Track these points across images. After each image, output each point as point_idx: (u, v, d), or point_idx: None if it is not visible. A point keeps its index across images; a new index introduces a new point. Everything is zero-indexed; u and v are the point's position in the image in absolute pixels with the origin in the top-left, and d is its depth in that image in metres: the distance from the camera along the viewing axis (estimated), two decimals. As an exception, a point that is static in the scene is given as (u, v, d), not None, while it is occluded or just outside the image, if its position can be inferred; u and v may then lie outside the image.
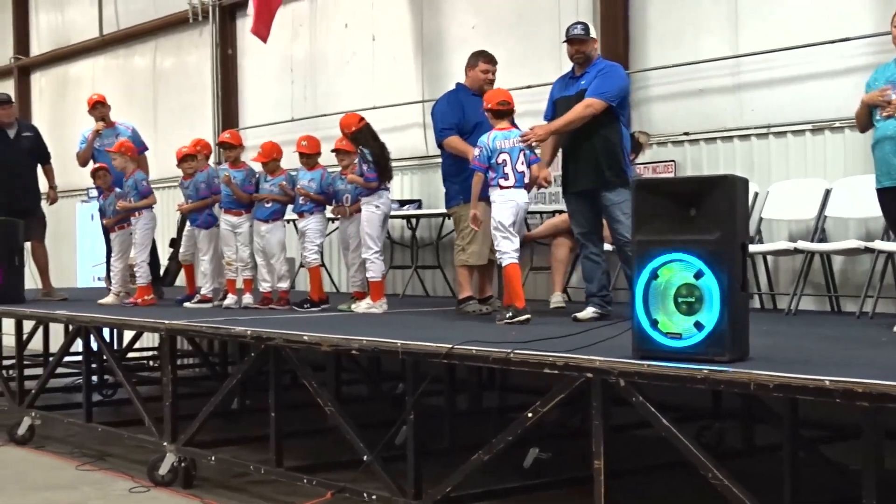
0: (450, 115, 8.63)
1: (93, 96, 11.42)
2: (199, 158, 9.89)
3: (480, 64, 8.76)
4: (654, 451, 6.55)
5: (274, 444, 7.03)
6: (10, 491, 7.68)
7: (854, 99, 6.82)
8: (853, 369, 4.59)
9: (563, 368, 5.17)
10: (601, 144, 7.54)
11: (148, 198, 10.16)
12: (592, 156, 7.54)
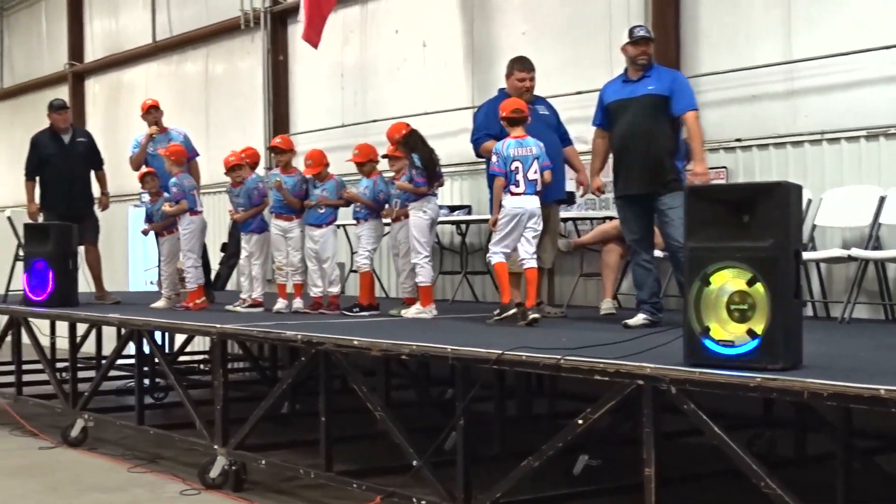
0: (484, 120, 8.68)
1: (146, 101, 11.51)
2: (244, 167, 9.91)
3: (515, 72, 8.81)
4: (705, 460, 6.51)
5: (324, 448, 7.05)
6: (65, 492, 7.76)
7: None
8: (908, 378, 4.53)
9: (614, 375, 5.15)
10: (659, 149, 7.51)
11: (180, 203, 10.13)
12: (650, 160, 7.50)
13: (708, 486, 6.84)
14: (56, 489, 7.86)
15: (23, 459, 8.99)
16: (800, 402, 4.59)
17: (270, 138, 13.02)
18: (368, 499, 6.56)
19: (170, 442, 8.75)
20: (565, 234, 9.97)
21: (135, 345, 9.44)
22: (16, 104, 20.87)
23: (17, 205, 15.00)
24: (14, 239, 11.53)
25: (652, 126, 7.50)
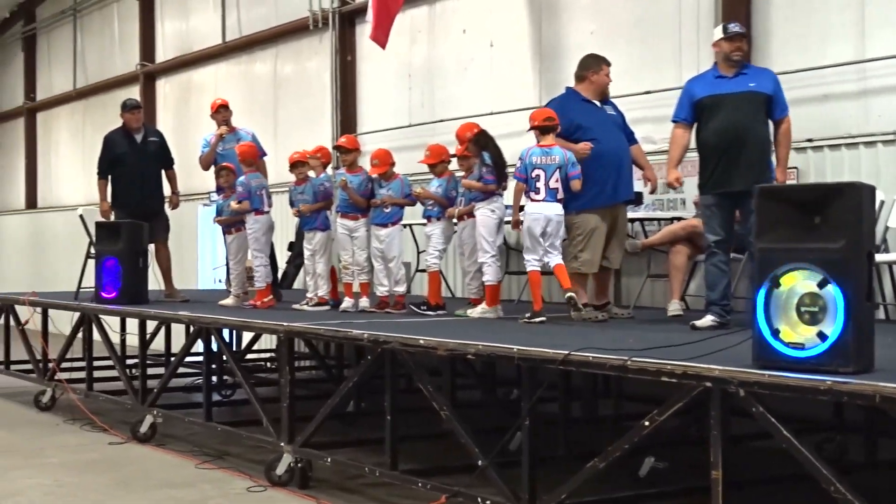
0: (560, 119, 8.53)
1: (216, 100, 11.62)
2: (313, 164, 9.97)
3: (603, 67, 8.76)
4: (773, 463, 6.44)
5: (389, 447, 7.07)
6: (134, 487, 7.85)
7: None
8: None
9: (681, 377, 5.12)
10: (763, 147, 7.44)
11: (242, 203, 10.23)
12: (754, 157, 7.41)
13: (776, 491, 6.78)
14: (126, 484, 7.95)
15: (93, 454, 9.10)
16: (871, 405, 4.52)
17: (338, 138, 13.08)
18: (433, 498, 6.57)
19: (237, 439, 8.82)
20: (632, 235, 9.91)
21: (203, 342, 9.52)
22: (88, 104, 21.17)
23: (88, 203, 15.26)
24: (86, 237, 11.69)
25: (755, 124, 7.42)
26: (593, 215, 8.49)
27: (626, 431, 5.58)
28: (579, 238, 8.47)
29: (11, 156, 24.60)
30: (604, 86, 8.73)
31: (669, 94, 10.00)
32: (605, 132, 8.57)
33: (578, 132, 8.51)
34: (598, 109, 8.69)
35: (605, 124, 8.64)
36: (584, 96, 8.70)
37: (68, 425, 10.49)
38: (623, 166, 8.68)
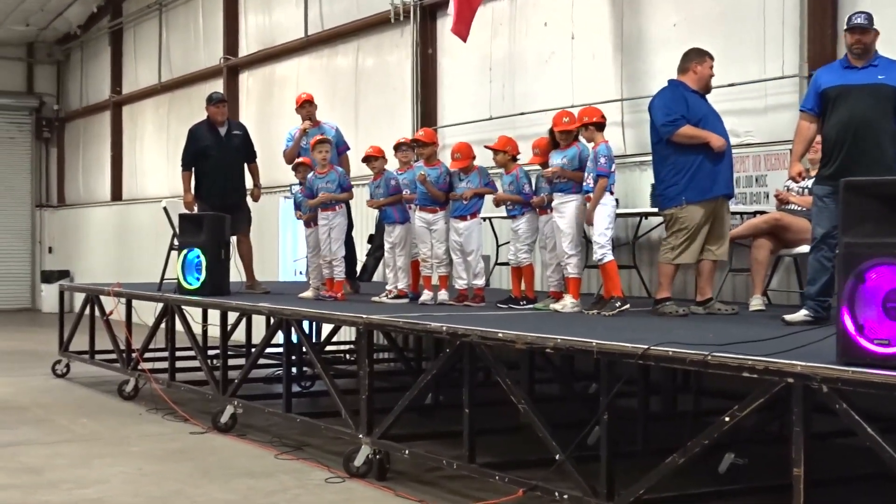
0: (675, 106, 8.40)
1: (301, 95, 11.68)
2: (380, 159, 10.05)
3: (707, 60, 8.61)
4: (857, 462, 6.34)
5: (467, 440, 7.07)
6: (214, 476, 7.94)
7: None
8: None
9: (762, 373, 5.07)
10: (888, 140, 7.28)
11: (349, 192, 10.37)
12: (878, 150, 7.21)
13: (859, 489, 6.68)
14: (207, 473, 8.05)
15: (175, 444, 9.23)
16: (959, 404, 4.44)
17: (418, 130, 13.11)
18: (511, 491, 6.57)
19: (316, 430, 8.89)
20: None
21: (283, 334, 9.60)
22: (172, 98, 21.44)
23: (172, 195, 15.46)
24: (169, 229, 11.85)
25: (882, 116, 7.25)
26: (695, 208, 8.37)
27: (706, 427, 5.53)
28: (683, 231, 8.35)
29: (98, 149, 24.97)
30: (707, 78, 8.59)
31: (753, 86, 9.92)
32: (712, 123, 8.48)
33: (697, 123, 8.39)
34: (705, 102, 8.58)
35: (714, 117, 8.54)
36: (692, 87, 8.58)
37: (150, 414, 10.65)
38: (730, 159, 8.58)
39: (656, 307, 8.39)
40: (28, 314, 25.07)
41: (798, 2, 9.62)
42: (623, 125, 11.36)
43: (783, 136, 9.68)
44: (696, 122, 8.36)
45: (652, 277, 10.88)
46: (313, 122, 11.46)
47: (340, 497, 7.29)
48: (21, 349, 16.82)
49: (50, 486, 7.58)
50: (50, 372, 13.48)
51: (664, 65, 10.82)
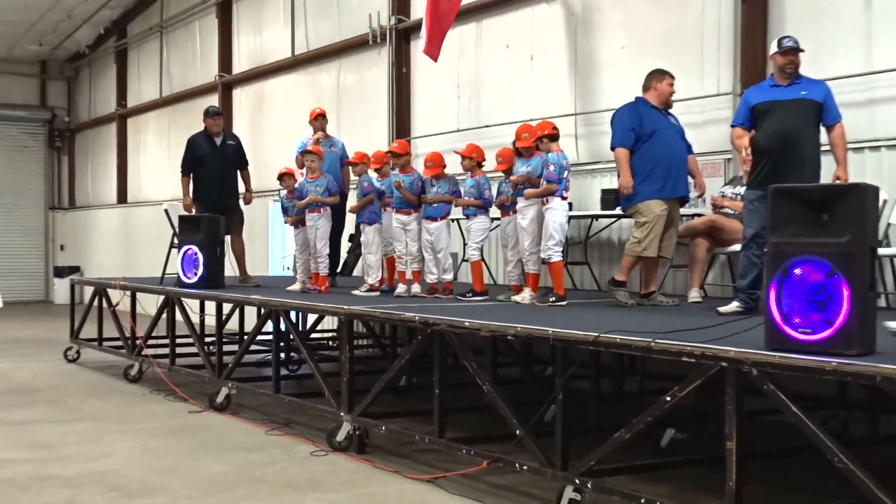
0: (628, 120, 8.47)
1: (315, 109, 11.68)
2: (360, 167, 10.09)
3: (667, 79, 8.67)
4: (783, 436, 6.38)
5: (437, 417, 7.08)
6: (211, 450, 7.92)
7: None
8: (977, 366, 4.39)
9: (699, 357, 5.10)
10: (813, 150, 7.35)
11: (334, 197, 10.36)
12: (806, 160, 7.29)
13: (785, 462, 6.73)
14: (205, 447, 8.03)
15: (176, 421, 9.19)
16: (873, 385, 4.47)
17: (393, 141, 13.11)
18: (476, 463, 6.59)
19: (302, 409, 8.87)
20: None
21: (273, 323, 9.58)
22: (172, 111, 21.35)
23: (172, 199, 15.37)
24: (170, 229, 11.80)
25: (806, 128, 7.32)
26: (656, 202, 8.38)
27: (650, 406, 5.56)
28: (647, 224, 8.38)
29: (105, 156, 24.84)
30: (667, 95, 8.64)
31: (692, 102, 9.97)
32: (669, 136, 8.54)
33: (651, 134, 8.44)
34: (663, 116, 8.62)
35: (669, 129, 8.59)
36: (652, 103, 8.62)
37: (153, 395, 10.60)
38: (682, 167, 8.59)
39: (611, 287, 8.42)
40: (42, 306, 24.89)
41: (732, 27, 9.68)
42: (577, 136, 11.40)
43: (719, 148, 9.77)
44: (648, 135, 8.40)
45: (602, 273, 10.94)
46: (324, 134, 11.46)
47: (324, 468, 7.29)
48: (36, 337, 16.71)
49: (62, 460, 7.54)
50: (62, 357, 13.40)
51: (613, 83, 10.89)
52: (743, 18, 9.52)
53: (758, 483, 5.51)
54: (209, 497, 6.49)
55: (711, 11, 9.98)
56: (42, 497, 6.44)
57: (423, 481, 6.85)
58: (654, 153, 8.38)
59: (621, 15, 11.03)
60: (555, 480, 5.98)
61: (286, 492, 6.62)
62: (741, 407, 4.98)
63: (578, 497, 5.80)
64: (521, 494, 6.51)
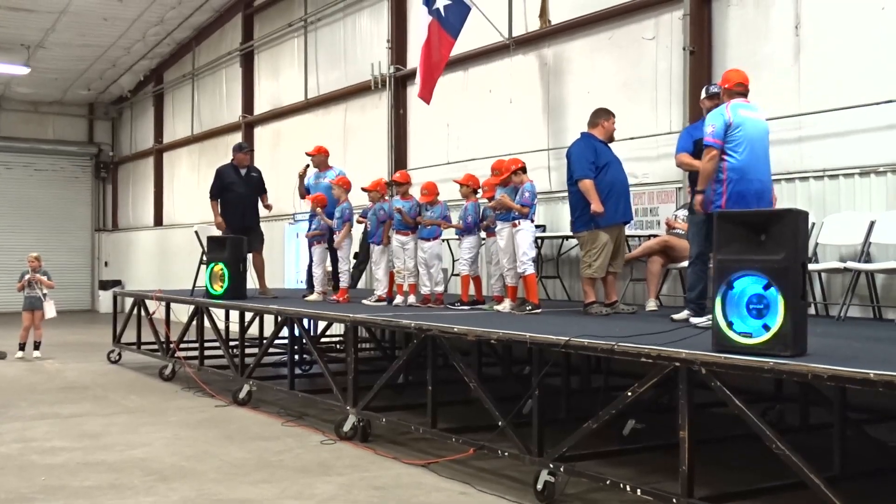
0: (588, 154, 8.45)
1: (319, 147, 11.77)
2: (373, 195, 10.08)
3: (612, 117, 8.73)
4: (727, 426, 6.39)
5: (430, 410, 7.07)
6: (236, 439, 7.88)
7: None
8: (893, 365, 4.40)
9: (656, 358, 5.10)
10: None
11: (347, 223, 10.35)
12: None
13: (730, 447, 6.72)
14: (229, 437, 7.99)
15: (203, 414, 9.15)
16: (804, 381, 4.48)
17: (392, 172, 13.13)
18: (464, 450, 6.57)
19: (313, 403, 8.84)
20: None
21: (288, 329, 9.56)
22: (202, 147, 21.31)
23: (201, 222, 15.35)
24: (199, 248, 11.77)
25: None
26: (605, 232, 8.40)
27: (614, 400, 5.56)
28: (594, 250, 8.39)
29: (144, 185, 24.79)
30: (611, 131, 8.70)
31: (648, 139, 10.00)
32: (617, 167, 8.57)
33: (604, 166, 8.45)
34: (609, 150, 8.65)
35: (616, 161, 8.62)
36: (599, 139, 8.64)
37: (185, 392, 10.55)
38: (627, 194, 8.63)
39: (586, 309, 8.41)
40: (88, 314, 24.78)
41: (681, 75, 9.72)
42: (549, 168, 11.41)
43: (672, 178, 9.78)
44: (602, 166, 8.41)
45: (572, 285, 10.94)
46: (322, 167, 11.50)
47: (332, 455, 7.25)
48: (83, 341, 16.62)
49: (106, 448, 7.49)
50: (105, 359, 13.33)
51: (580, 122, 10.84)
52: (690, 68, 9.56)
53: (707, 465, 5.49)
54: (233, 479, 6.45)
55: (664, 63, 10.02)
56: (89, 480, 6.40)
57: (418, 466, 6.84)
58: (606, 182, 8.40)
59: (587, 64, 11.06)
60: (532, 465, 5.97)
61: (300, 475, 6.59)
62: (692, 400, 4.98)
63: (552, 479, 5.78)
64: (503, 477, 6.49)
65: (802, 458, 4.48)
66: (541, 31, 11.52)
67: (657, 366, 5.12)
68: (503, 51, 12.19)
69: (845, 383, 4.23)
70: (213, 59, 20.55)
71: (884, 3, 8.08)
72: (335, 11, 16.01)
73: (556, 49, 11.48)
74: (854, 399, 6.12)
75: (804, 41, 8.72)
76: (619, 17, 10.55)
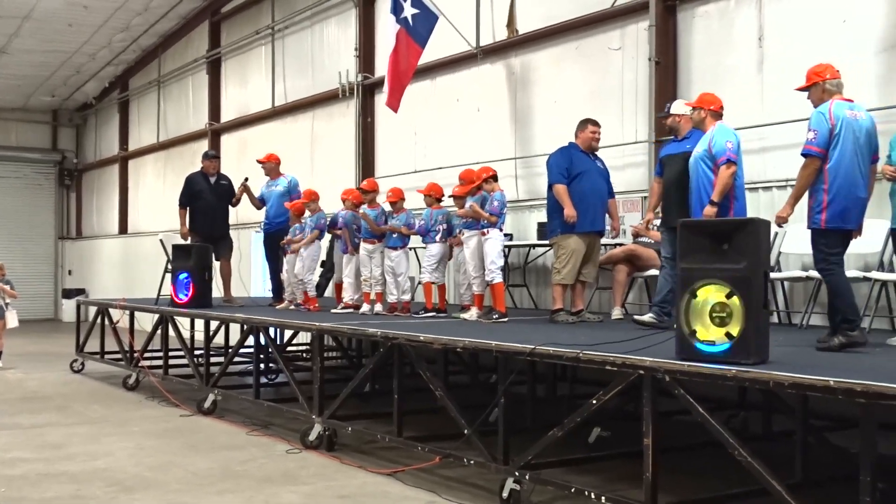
0: (562, 162, 8.52)
1: (271, 154, 11.74)
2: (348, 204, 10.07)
3: (589, 126, 8.72)
4: (691, 433, 6.43)
5: (396, 418, 7.07)
6: (200, 449, 7.83)
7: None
8: (853, 373, 4.46)
9: (620, 366, 5.13)
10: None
11: (314, 233, 10.29)
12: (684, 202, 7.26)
13: (694, 454, 6.77)
14: (194, 447, 7.93)
15: (168, 424, 9.08)
16: (767, 389, 4.52)
17: (359, 180, 13.12)
18: (430, 458, 6.57)
19: (279, 412, 8.80)
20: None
21: (254, 337, 9.51)
22: (167, 154, 21.18)
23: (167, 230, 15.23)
24: (164, 256, 11.69)
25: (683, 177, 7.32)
26: (575, 239, 8.43)
27: (579, 408, 5.58)
28: (563, 256, 8.43)
29: (109, 193, 24.59)
30: (589, 140, 8.67)
31: (614, 149, 10.06)
32: (593, 176, 8.60)
33: (578, 175, 8.49)
34: (588, 159, 8.67)
35: (594, 171, 8.64)
36: (580, 148, 8.70)
37: (149, 401, 10.47)
38: (600, 204, 8.61)
39: (552, 316, 8.44)
40: (51, 323, 24.49)
41: (647, 86, 9.80)
42: (517, 177, 11.45)
43: (637, 187, 9.86)
44: (576, 175, 8.47)
45: (538, 293, 10.97)
46: (273, 175, 11.48)
47: (298, 464, 7.22)
48: (45, 351, 16.42)
49: (67, 459, 7.41)
50: (68, 368, 13.20)
51: (546, 131, 10.96)
52: (656, 79, 9.64)
53: (671, 473, 5.53)
54: (197, 490, 6.40)
55: (630, 73, 10.10)
56: (50, 491, 6.33)
57: (384, 475, 6.82)
58: (579, 190, 8.45)
59: (554, 74, 11.12)
60: (498, 473, 5.97)
61: (265, 485, 6.56)
62: (656, 408, 5.02)
63: (518, 487, 5.80)
64: (469, 485, 6.49)
65: (764, 465, 4.52)
66: (508, 40, 11.57)
67: (622, 374, 5.15)
68: (471, 60, 12.23)
69: (806, 391, 4.28)
70: (180, 66, 20.43)
71: (845, 15, 8.20)
72: (303, 19, 15.99)
73: (523, 58, 11.54)
74: (816, 406, 6.18)
75: (767, 52, 8.83)
76: (586, 28, 10.62)
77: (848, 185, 5.94)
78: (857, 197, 5.97)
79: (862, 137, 5.98)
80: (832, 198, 5.91)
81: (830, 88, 6.09)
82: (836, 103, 5.99)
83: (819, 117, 5.95)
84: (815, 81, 6.17)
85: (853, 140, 5.94)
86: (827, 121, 5.91)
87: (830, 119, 5.91)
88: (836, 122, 5.90)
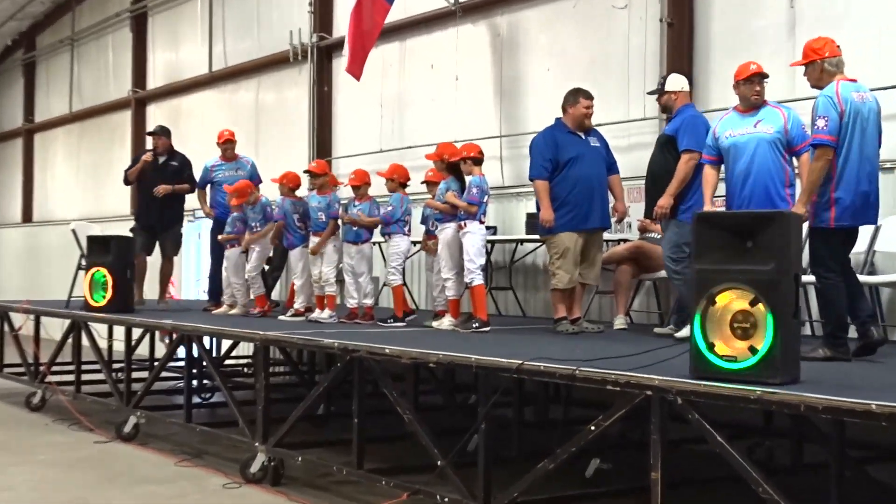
0: (545, 151, 8.47)
1: (224, 133, 11.68)
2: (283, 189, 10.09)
3: (581, 100, 8.61)
4: (708, 466, 6.46)
5: (356, 447, 7.04)
6: (118, 483, 7.78)
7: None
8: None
9: (624, 386, 5.13)
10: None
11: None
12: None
13: (710, 490, 6.81)
14: (111, 480, 7.89)
15: (80, 452, 9.02)
16: (797, 414, 4.55)
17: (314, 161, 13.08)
18: (396, 495, 6.55)
19: (214, 439, 8.77)
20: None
21: (185, 348, 9.47)
22: (83, 127, 21.06)
23: (80, 218, 15.15)
24: (78, 249, 11.62)
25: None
26: (567, 235, 8.45)
27: (575, 435, 5.59)
28: (554, 256, 8.46)
29: (10, 173, 24.42)
30: (581, 117, 8.57)
31: (618, 126, 10.10)
32: (587, 161, 8.52)
33: (568, 162, 8.45)
34: (579, 140, 8.59)
35: (588, 153, 8.56)
36: (568, 127, 8.63)
37: (57, 425, 10.39)
38: (595, 195, 8.55)
39: (554, 326, 8.46)
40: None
41: (657, 53, 9.84)
42: (502, 160, 11.48)
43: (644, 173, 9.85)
44: (565, 162, 8.44)
45: (527, 298, 11.00)
46: (230, 157, 11.44)
47: (237, 502, 7.20)
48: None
49: (-43, 494, 7.36)
50: (-41, 385, 13.09)
51: (538, 106, 10.99)
52: (669, 44, 9.68)
53: (682, 514, 5.56)
54: (115, 531, 6.38)
55: (637, 38, 10.13)
56: (-64, 532, 6.28)
57: (340, 514, 6.82)
58: (569, 180, 8.43)
59: (547, 38, 11.15)
60: (476, 512, 5.98)
61: (197, 525, 6.54)
62: (665, 436, 5.02)
63: (500, 529, 5.81)
64: (442, 527, 6.50)
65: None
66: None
67: (626, 395, 5.16)
68: (448, 18, 12.24)
69: (843, 416, 4.30)
70: (98, 21, 20.31)
71: (892, -29, 8.28)
72: (247, -33, 15.97)
73: (510, 18, 11.56)
74: (854, 434, 6.24)
75: (800, 14, 8.89)
76: (586, -18, 10.68)
77: (857, 176, 6.09)
78: (867, 190, 6.14)
79: (870, 122, 6.15)
80: (841, 192, 6.06)
81: (829, 69, 6.26)
82: (843, 84, 6.16)
83: (827, 102, 6.10)
84: (812, 59, 6.34)
85: (861, 126, 6.10)
86: (836, 105, 6.07)
87: (839, 103, 6.08)
88: (845, 107, 6.07)
